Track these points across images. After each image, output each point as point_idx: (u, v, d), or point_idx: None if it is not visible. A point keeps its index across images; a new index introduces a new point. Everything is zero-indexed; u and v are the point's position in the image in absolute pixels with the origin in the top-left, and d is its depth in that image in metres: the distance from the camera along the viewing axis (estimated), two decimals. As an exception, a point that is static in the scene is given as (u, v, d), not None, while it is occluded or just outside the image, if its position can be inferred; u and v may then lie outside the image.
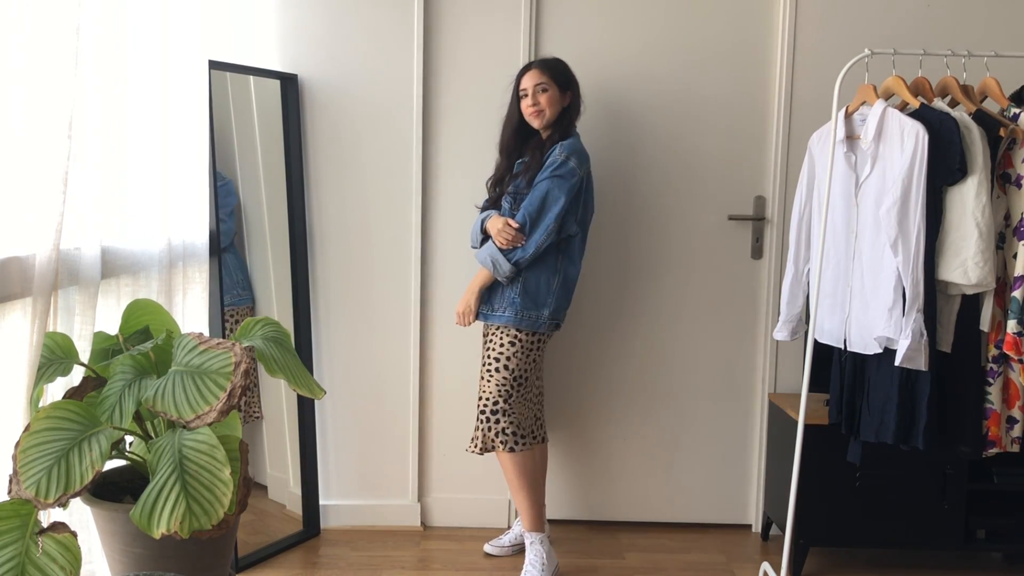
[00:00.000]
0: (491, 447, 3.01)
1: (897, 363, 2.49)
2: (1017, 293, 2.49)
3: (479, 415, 3.02)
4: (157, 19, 2.64)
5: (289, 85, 3.25)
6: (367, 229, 3.34)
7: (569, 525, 3.49)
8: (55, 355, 2.19)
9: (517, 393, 3.01)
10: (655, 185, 3.37)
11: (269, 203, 3.30)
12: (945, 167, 2.48)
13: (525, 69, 3.03)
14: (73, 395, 2.24)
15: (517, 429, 3.01)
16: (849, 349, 2.72)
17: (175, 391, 2.11)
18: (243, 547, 3.07)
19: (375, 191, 3.33)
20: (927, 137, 2.46)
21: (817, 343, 2.81)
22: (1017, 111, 2.57)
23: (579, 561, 3.20)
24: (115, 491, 2.30)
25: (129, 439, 2.36)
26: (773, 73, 3.33)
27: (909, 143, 2.49)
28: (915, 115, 2.56)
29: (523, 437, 3.03)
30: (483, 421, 3.00)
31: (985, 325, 2.57)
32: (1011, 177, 2.56)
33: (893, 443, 2.60)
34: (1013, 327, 2.49)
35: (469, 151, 3.30)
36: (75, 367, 2.26)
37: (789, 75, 3.30)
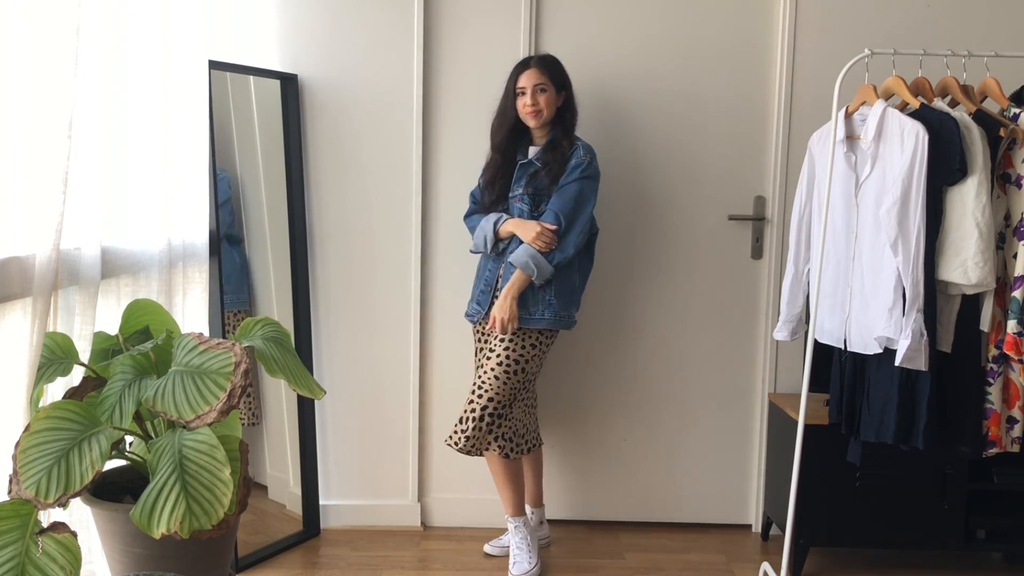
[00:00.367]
0: (484, 449, 2.95)
1: (897, 363, 2.49)
2: (1017, 293, 2.49)
3: (475, 413, 2.90)
4: (157, 19, 2.64)
5: (289, 85, 3.25)
6: (367, 229, 3.34)
7: (569, 525, 3.49)
8: (55, 355, 2.19)
9: (521, 396, 3.01)
10: (655, 185, 3.37)
11: (269, 203, 3.30)
12: (945, 167, 2.48)
13: (523, 66, 2.99)
14: (73, 395, 2.24)
15: (515, 435, 3.01)
16: (849, 349, 2.72)
17: (175, 391, 2.12)
18: (243, 547, 3.07)
19: (375, 191, 3.33)
20: (927, 137, 2.46)
21: (817, 343, 2.81)
22: (1017, 111, 2.57)
23: (579, 561, 3.20)
24: (115, 491, 2.30)
25: (129, 439, 2.36)
26: (773, 73, 3.33)
27: (909, 143, 2.49)
28: (915, 115, 2.56)
29: (518, 444, 3.04)
30: (479, 420, 2.90)
31: (985, 325, 2.57)
32: (1011, 177, 2.55)
33: (893, 443, 2.60)
34: (1013, 327, 2.49)
35: (469, 151, 3.29)
36: (75, 367, 2.26)
37: (789, 75, 3.30)
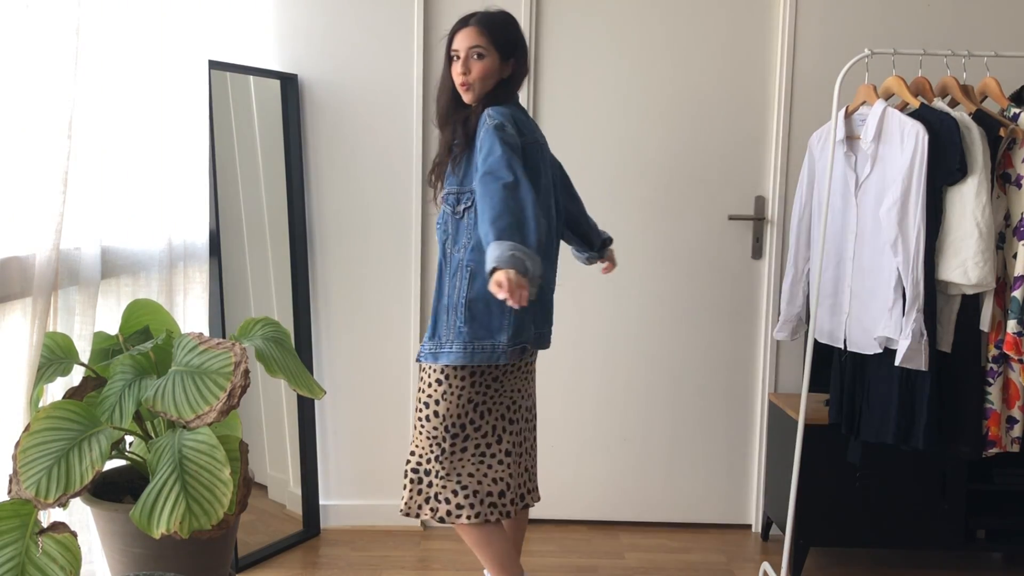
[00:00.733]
0: (416, 513, 2.42)
1: (897, 363, 2.49)
2: (1017, 293, 2.49)
3: (406, 468, 2.46)
4: (157, 19, 2.64)
5: (289, 85, 3.25)
6: (367, 229, 3.34)
7: (569, 525, 3.49)
8: (55, 355, 2.19)
9: (459, 446, 2.42)
10: (655, 185, 3.37)
11: (269, 203, 3.30)
12: (945, 167, 2.48)
13: (460, 24, 2.39)
14: (73, 395, 2.25)
15: (472, 495, 2.38)
16: (849, 349, 2.72)
17: (175, 391, 2.12)
18: (243, 547, 3.07)
19: (375, 191, 3.33)
20: (927, 137, 2.46)
21: (817, 343, 2.81)
22: (1017, 111, 2.57)
23: (579, 561, 3.20)
24: (115, 491, 2.30)
25: (129, 439, 2.36)
26: (773, 73, 3.33)
27: (909, 143, 2.49)
28: (915, 115, 2.56)
29: (474, 506, 2.38)
30: (405, 478, 2.44)
31: (985, 325, 2.57)
32: (1011, 177, 2.55)
33: (893, 443, 2.60)
34: (1013, 327, 2.49)
35: (469, 151, 3.29)
36: (75, 367, 2.26)
37: (789, 75, 3.30)
